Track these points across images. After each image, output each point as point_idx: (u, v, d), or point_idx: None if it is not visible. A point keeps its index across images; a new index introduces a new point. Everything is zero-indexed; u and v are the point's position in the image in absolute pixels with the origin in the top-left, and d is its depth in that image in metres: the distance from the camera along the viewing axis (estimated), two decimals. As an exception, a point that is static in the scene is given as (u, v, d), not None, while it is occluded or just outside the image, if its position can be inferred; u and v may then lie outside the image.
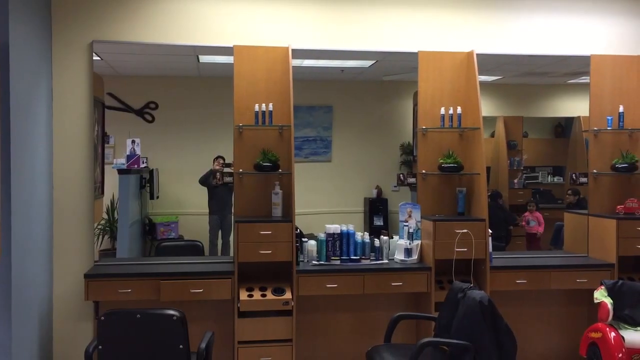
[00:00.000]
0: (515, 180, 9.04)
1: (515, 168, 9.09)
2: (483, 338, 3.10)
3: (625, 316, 3.69)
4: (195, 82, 8.19)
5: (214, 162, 7.24)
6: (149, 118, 8.23)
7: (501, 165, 9.05)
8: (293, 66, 4.30)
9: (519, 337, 3.45)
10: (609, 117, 4.57)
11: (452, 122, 4.45)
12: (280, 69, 4.32)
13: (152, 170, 7.65)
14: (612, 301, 3.67)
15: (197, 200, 7.73)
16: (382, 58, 6.27)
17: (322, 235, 4.32)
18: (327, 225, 4.34)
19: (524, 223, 7.71)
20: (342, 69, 7.50)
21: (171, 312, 2.97)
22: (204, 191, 7.45)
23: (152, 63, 6.96)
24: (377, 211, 8.52)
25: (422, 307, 4.31)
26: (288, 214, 4.19)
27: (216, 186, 7.20)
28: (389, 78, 8.05)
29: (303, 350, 4.21)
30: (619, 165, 4.56)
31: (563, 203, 7.83)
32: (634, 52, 4.66)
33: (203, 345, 3.13)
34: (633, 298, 3.72)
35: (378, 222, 8.47)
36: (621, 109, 4.54)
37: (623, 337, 3.49)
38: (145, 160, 7.59)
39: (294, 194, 4.16)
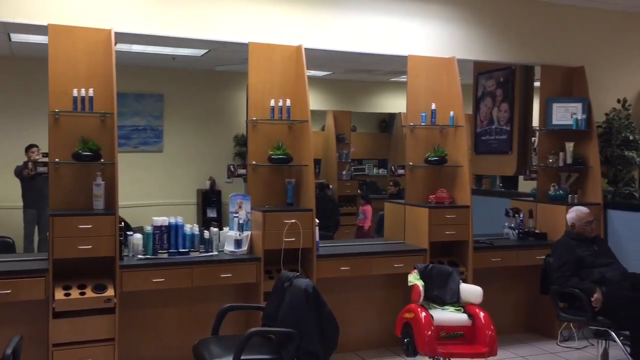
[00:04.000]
0: (344, 172, 9.51)
1: (343, 160, 9.57)
2: (307, 324, 3.20)
3: (435, 297, 4.03)
4: (7, 62, 7.44)
5: (26, 152, 6.63)
6: (-51, 100, 7.30)
7: (330, 157, 9.46)
8: (121, 51, 4.07)
9: (344, 321, 3.63)
10: (423, 114, 4.95)
11: (281, 114, 4.51)
12: (103, 52, 4.06)
13: (-48, 159, 6.80)
14: (423, 283, 3.98)
15: (9, 192, 7.05)
16: (215, 47, 6.20)
17: (148, 228, 4.16)
18: (154, 218, 4.19)
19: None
20: (174, 57, 7.29)
21: (-31, 317, 2.66)
22: (16, 182, 6.80)
23: (-46, 38, 6.18)
24: (210, 203, 8.46)
25: (252, 297, 4.35)
26: (111, 206, 3.97)
27: (31, 177, 6.60)
28: (222, 68, 7.98)
29: (127, 348, 4.03)
30: (431, 158, 4.96)
31: (386, 194, 8.39)
32: (446, 54, 5.08)
33: (9, 351, 2.84)
34: (441, 280, 4.07)
35: (211, 214, 8.41)
36: (433, 106, 4.94)
37: (432, 316, 3.81)
38: (-56, 148, 6.73)
39: (118, 186, 3.95)
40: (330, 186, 8.51)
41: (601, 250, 4.51)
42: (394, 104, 9.27)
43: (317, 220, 4.47)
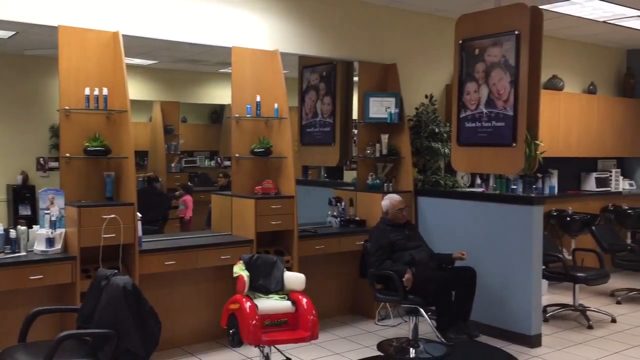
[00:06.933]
0: (173, 164, 9.26)
1: (172, 152, 9.30)
2: (126, 323, 3.09)
3: (259, 286, 4.09)
4: None
5: None
6: None
7: (159, 149, 9.14)
8: None
9: (170, 316, 3.54)
10: (249, 106, 4.98)
11: (98, 103, 4.27)
12: None
13: None
14: (248, 274, 4.02)
15: None
16: (22, 30, 5.65)
17: (-61, 230, 3.71)
18: (-54, 218, 3.75)
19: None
20: (-27, 38, 6.53)
21: None
22: None
23: None
24: (22, 199, 7.72)
25: (67, 299, 4.08)
26: None
27: None
28: (32, 52, 7.31)
29: None
30: (257, 149, 5.01)
31: (217, 185, 8.33)
32: (270, 47, 5.14)
33: None
34: (266, 269, 4.14)
35: (25, 211, 7.69)
36: (258, 98, 4.99)
37: (257, 306, 3.86)
38: None
39: None
40: (159, 179, 8.24)
41: (412, 234, 4.91)
42: (224, 95, 9.17)
43: (139, 215, 4.31)
